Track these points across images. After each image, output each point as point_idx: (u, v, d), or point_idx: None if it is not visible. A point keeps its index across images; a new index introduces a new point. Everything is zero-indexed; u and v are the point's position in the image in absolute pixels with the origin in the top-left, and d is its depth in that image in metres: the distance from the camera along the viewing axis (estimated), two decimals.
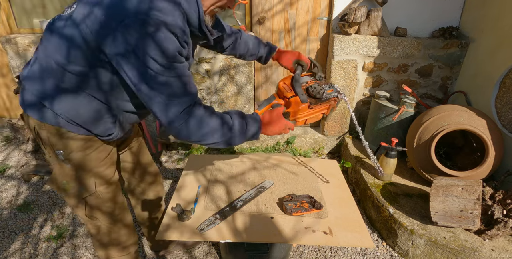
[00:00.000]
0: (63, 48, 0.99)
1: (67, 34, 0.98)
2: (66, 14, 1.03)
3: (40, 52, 1.06)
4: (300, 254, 1.99)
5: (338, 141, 3.13)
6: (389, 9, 2.63)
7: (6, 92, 3.36)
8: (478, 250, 1.70)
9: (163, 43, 0.90)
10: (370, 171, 2.43)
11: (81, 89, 1.04)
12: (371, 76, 2.85)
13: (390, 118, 2.54)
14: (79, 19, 0.96)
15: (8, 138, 3.34)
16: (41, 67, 1.04)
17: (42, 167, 2.61)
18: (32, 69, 1.07)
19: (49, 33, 1.04)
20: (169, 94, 0.96)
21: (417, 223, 1.89)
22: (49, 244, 2.05)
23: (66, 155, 1.14)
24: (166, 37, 0.91)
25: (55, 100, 1.04)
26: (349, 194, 1.54)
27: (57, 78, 1.02)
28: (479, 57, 2.53)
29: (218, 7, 1.06)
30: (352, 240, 1.25)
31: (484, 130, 2.00)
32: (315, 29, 2.85)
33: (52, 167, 1.22)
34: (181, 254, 1.98)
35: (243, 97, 3.02)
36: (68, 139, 1.11)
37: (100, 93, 1.05)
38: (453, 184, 1.82)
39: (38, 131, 1.13)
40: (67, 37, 0.98)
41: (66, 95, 1.04)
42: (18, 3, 2.97)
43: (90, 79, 1.02)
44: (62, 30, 1.00)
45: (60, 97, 1.04)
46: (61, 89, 1.03)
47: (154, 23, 0.89)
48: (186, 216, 1.31)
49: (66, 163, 1.16)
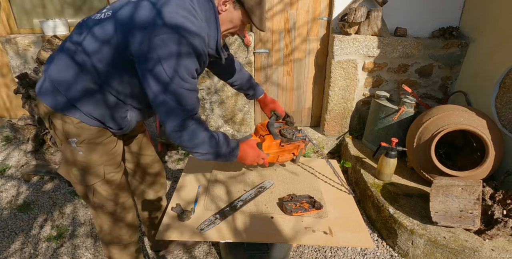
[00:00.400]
0: (94, 46, 1.07)
1: (100, 34, 1.07)
2: (101, 16, 1.11)
3: (69, 44, 1.13)
4: (300, 254, 1.99)
5: (338, 141, 3.13)
6: (389, 9, 2.63)
7: (6, 92, 3.36)
8: (478, 250, 1.70)
9: (187, 62, 1.05)
10: (370, 171, 2.43)
11: (102, 86, 1.12)
12: (371, 76, 2.85)
13: (390, 118, 2.54)
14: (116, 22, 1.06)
15: (8, 138, 3.34)
16: (68, 59, 1.11)
17: (42, 167, 2.61)
18: (58, 57, 1.14)
19: (83, 30, 1.11)
20: (179, 103, 1.07)
21: (417, 223, 1.89)
22: (49, 244, 2.05)
23: (78, 143, 1.22)
24: (191, 58, 1.05)
25: (75, 92, 1.12)
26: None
27: (81, 72, 1.10)
28: (479, 57, 2.53)
29: (230, 33, 1.25)
30: (352, 240, 1.25)
31: (484, 130, 2.00)
32: (315, 29, 2.85)
33: (63, 154, 1.30)
34: (181, 254, 1.98)
35: (243, 98, 3.02)
36: (82, 128, 1.19)
37: (119, 90, 1.14)
38: (453, 184, 1.82)
39: (52, 119, 1.20)
40: (101, 37, 1.07)
41: (87, 89, 1.12)
42: (18, 3, 2.97)
43: (113, 77, 1.11)
44: (96, 29, 1.08)
45: (80, 90, 1.12)
46: (82, 83, 1.11)
47: (185, 43, 1.01)
48: (186, 216, 1.31)
49: (78, 150, 1.24)
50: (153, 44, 0.99)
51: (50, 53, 2.44)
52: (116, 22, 1.06)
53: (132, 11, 1.05)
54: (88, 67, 1.09)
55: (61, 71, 1.13)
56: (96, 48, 1.07)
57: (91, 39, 1.08)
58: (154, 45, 0.99)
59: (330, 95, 2.90)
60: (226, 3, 1.14)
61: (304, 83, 3.09)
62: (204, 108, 3.08)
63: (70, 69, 1.11)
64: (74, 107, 1.14)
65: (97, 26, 1.08)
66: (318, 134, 3.16)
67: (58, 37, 2.55)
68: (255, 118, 3.26)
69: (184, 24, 1.01)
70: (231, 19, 1.18)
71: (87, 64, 1.09)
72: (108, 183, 1.33)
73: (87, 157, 1.25)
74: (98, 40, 1.07)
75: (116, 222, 1.44)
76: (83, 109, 1.15)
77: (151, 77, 1.03)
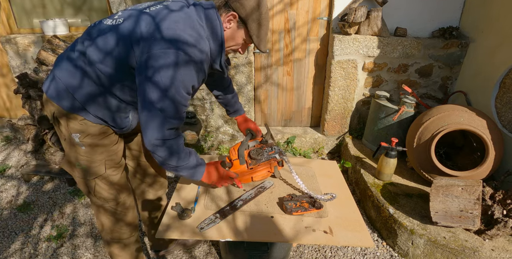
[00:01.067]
0: (98, 56, 1.11)
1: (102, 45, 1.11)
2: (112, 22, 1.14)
3: (79, 46, 1.16)
4: (300, 254, 1.99)
5: (338, 141, 3.13)
6: (389, 9, 2.64)
7: (6, 92, 3.36)
8: (478, 250, 1.70)
9: (185, 77, 1.07)
10: (370, 171, 2.43)
11: (105, 91, 1.17)
12: (371, 76, 2.85)
13: (390, 118, 2.54)
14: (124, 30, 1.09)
15: (8, 138, 3.34)
16: (76, 61, 1.15)
17: (42, 167, 2.61)
18: (68, 58, 1.18)
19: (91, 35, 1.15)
20: (166, 115, 1.10)
21: (417, 223, 1.89)
22: (49, 244, 2.05)
23: (82, 138, 1.25)
24: (190, 73, 1.09)
25: (81, 96, 1.17)
26: (349, 194, 1.54)
27: (85, 77, 1.15)
28: (479, 57, 2.53)
29: (232, 50, 1.29)
30: (352, 240, 1.25)
31: (484, 130, 2.00)
32: (315, 29, 2.85)
33: (66, 150, 1.34)
34: (181, 254, 1.98)
35: (243, 97, 3.02)
36: (85, 125, 1.23)
37: (121, 96, 1.19)
38: (453, 184, 1.83)
39: (58, 117, 1.24)
40: (103, 48, 1.11)
41: (91, 93, 1.17)
42: (18, 3, 2.97)
43: (115, 84, 1.15)
44: (99, 40, 1.11)
45: (85, 94, 1.17)
46: (87, 88, 1.16)
47: (186, 59, 1.05)
48: (187, 215, 1.31)
49: (81, 145, 1.27)
50: (153, 55, 1.03)
51: (50, 53, 2.44)
52: (118, 34, 1.10)
53: (134, 25, 1.09)
54: (91, 75, 1.14)
55: (68, 77, 1.17)
56: (100, 58, 1.11)
57: (95, 49, 1.12)
58: (154, 56, 1.03)
59: (330, 95, 2.90)
60: (230, 22, 1.18)
61: (304, 83, 3.09)
62: (204, 108, 3.08)
63: (76, 75, 1.16)
64: (81, 108, 1.19)
65: (101, 37, 1.12)
66: (318, 134, 3.16)
67: (58, 37, 2.55)
68: (255, 118, 3.26)
69: (186, 39, 1.05)
70: (234, 37, 1.22)
71: (91, 72, 1.14)
72: (108, 179, 1.36)
73: (90, 152, 1.28)
74: (102, 51, 1.11)
75: (117, 221, 1.46)
76: (90, 110, 1.19)
77: (146, 85, 1.06)
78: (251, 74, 2.94)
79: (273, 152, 1.49)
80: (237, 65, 2.88)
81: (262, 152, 1.47)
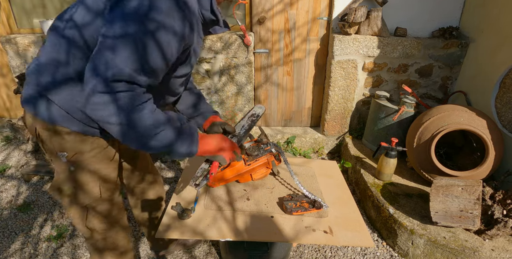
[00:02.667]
0: (86, 19, 0.96)
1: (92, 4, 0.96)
2: (67, 16, 1.02)
3: (43, 48, 1.07)
4: (300, 254, 1.99)
5: (338, 141, 3.13)
6: (389, 9, 2.64)
7: (6, 92, 3.36)
8: (478, 250, 1.70)
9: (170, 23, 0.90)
10: (370, 171, 2.43)
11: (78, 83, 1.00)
12: (371, 76, 2.86)
13: (390, 118, 2.54)
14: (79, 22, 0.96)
15: (8, 138, 3.33)
16: (45, 61, 1.04)
17: (42, 167, 2.61)
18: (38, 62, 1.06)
19: (51, 33, 1.05)
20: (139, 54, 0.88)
21: (417, 223, 1.89)
22: (49, 244, 2.05)
23: (69, 157, 1.10)
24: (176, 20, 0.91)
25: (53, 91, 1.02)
26: (349, 194, 1.54)
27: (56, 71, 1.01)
28: (479, 57, 2.53)
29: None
30: (352, 240, 1.24)
31: (484, 130, 2.01)
32: (315, 29, 2.85)
33: (54, 172, 1.18)
34: (181, 254, 1.98)
35: (243, 97, 3.03)
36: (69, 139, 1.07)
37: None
38: (453, 184, 1.82)
39: (39, 132, 1.09)
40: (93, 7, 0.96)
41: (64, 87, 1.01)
42: (18, 3, 2.97)
43: None
44: (63, 31, 1.00)
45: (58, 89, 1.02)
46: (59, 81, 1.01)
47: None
48: (187, 215, 1.30)
49: (70, 166, 1.12)
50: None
51: None
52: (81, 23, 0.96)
53: None
54: (78, 42, 0.97)
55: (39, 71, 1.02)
56: (88, 21, 0.95)
57: (83, 11, 0.96)
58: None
59: (330, 95, 2.90)
60: None
61: (304, 83, 3.09)
62: None
63: (45, 68, 1.01)
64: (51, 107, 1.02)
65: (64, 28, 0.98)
66: (318, 134, 3.16)
67: None
68: None
69: None
70: None
71: (77, 39, 0.97)
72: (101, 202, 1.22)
73: (80, 173, 1.13)
74: (91, 11, 0.95)
75: (112, 225, 1.30)
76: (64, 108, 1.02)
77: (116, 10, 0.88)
78: (251, 74, 2.94)
79: (269, 147, 1.50)
80: (237, 65, 2.88)
81: (257, 148, 1.49)
